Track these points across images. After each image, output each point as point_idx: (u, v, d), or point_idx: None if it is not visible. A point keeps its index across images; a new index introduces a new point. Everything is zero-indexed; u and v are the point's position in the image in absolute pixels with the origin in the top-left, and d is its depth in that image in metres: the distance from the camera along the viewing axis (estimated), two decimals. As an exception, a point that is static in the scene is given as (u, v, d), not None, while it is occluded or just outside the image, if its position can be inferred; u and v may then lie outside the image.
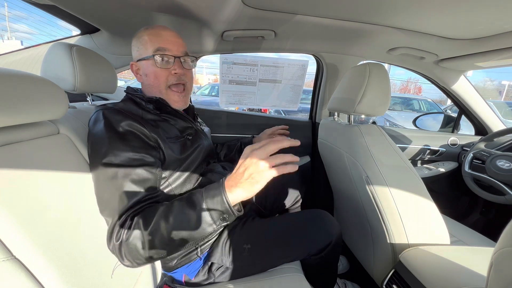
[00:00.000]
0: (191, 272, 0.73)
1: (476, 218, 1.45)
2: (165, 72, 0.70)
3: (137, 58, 0.72)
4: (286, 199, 1.03)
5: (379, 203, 0.79)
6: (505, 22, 0.73)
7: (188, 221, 0.52)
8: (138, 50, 0.71)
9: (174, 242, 0.52)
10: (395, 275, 0.75)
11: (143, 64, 0.71)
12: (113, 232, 0.52)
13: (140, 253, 0.51)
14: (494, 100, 11.92)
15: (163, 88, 0.71)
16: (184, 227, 0.52)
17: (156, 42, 0.68)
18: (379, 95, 0.80)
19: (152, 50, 0.68)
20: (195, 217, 0.52)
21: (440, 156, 1.50)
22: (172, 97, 0.72)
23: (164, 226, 0.51)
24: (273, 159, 0.50)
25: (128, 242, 0.50)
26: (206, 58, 1.42)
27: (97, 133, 0.59)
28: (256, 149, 0.51)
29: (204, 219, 0.52)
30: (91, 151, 0.59)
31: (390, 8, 0.74)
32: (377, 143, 0.81)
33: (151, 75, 0.70)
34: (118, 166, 0.55)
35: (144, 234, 0.50)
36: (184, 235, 0.52)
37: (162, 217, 0.52)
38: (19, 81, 0.45)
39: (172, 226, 0.51)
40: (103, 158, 0.55)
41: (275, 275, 0.75)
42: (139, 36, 0.71)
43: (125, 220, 0.52)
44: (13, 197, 0.40)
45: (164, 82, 0.70)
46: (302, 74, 1.39)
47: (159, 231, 0.51)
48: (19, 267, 0.37)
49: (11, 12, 35.68)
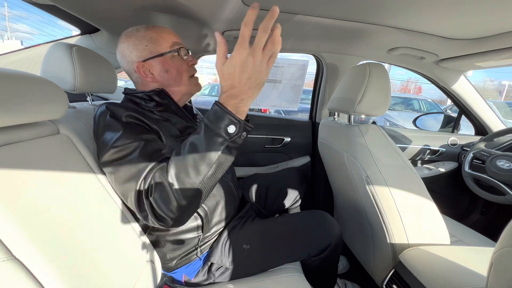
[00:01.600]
0: (191, 272, 0.73)
1: (476, 218, 1.45)
2: (186, 64, 0.71)
3: (145, 57, 0.66)
4: (285, 199, 1.03)
5: (379, 203, 0.79)
6: (505, 22, 0.73)
7: (197, 148, 0.51)
8: (146, 49, 0.66)
9: (192, 174, 0.50)
10: (395, 275, 0.75)
11: (157, 61, 0.67)
12: (139, 199, 0.52)
13: (172, 203, 0.50)
14: (494, 100, 11.94)
15: (186, 80, 0.71)
16: (195, 152, 0.51)
17: (168, 38, 0.68)
18: (379, 95, 0.80)
19: (169, 45, 0.68)
20: (203, 140, 0.50)
21: (440, 156, 1.50)
22: (195, 83, 0.74)
23: (179, 164, 0.51)
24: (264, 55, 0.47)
25: (155, 198, 0.50)
26: (206, 58, 1.41)
27: (105, 122, 0.59)
28: (251, 54, 0.45)
29: (214, 139, 0.50)
30: (99, 141, 0.59)
31: (390, 8, 0.74)
32: (377, 143, 0.81)
33: (173, 69, 0.68)
34: (129, 146, 0.55)
35: (166, 183, 0.50)
36: (199, 162, 0.50)
37: (174, 159, 0.52)
38: (19, 81, 0.45)
39: (185, 161, 0.50)
40: (114, 142, 0.56)
41: (275, 275, 0.75)
42: (143, 35, 0.66)
43: (147, 182, 0.52)
44: (13, 197, 0.40)
45: (187, 73, 0.71)
46: (302, 74, 1.39)
47: (177, 171, 0.50)
48: (19, 267, 0.37)
49: (11, 12, 35.73)
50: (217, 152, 0.50)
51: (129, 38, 0.67)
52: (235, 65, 0.46)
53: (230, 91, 0.49)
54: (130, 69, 0.70)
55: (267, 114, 2.90)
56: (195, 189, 0.51)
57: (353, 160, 0.84)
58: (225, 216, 0.77)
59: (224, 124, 0.49)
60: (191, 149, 0.51)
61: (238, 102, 0.50)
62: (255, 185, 1.02)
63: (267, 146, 1.48)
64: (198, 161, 0.50)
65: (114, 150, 0.56)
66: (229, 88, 0.49)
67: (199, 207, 0.57)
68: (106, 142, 0.57)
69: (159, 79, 0.69)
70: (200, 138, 0.51)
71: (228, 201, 0.77)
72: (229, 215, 0.79)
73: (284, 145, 1.49)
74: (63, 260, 0.43)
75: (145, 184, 0.52)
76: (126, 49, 0.67)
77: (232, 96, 0.49)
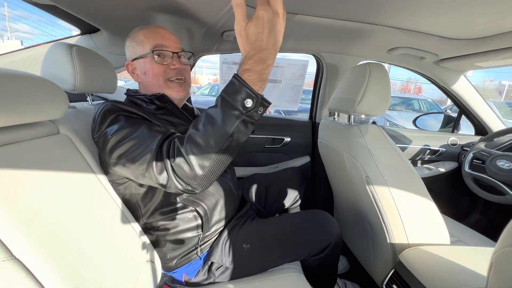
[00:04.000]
0: (191, 272, 0.73)
1: (476, 218, 1.45)
2: (164, 67, 0.70)
3: (132, 57, 0.71)
4: (285, 199, 1.03)
5: (379, 203, 0.79)
6: (505, 22, 0.73)
7: (213, 119, 0.50)
8: (133, 50, 0.71)
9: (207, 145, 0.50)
10: (395, 275, 0.75)
11: (140, 63, 0.70)
12: (159, 165, 0.52)
13: (190, 171, 0.50)
14: (494, 100, 11.92)
15: (162, 82, 0.70)
16: (211, 124, 0.50)
17: (153, 40, 0.69)
18: (379, 95, 0.80)
19: (150, 47, 0.68)
20: (219, 112, 0.50)
21: (440, 156, 1.50)
22: (173, 88, 0.71)
23: (196, 134, 0.51)
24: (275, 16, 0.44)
25: (175, 160, 0.51)
26: (206, 58, 1.41)
27: (106, 117, 0.59)
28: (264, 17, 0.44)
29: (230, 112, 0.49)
30: (101, 135, 0.59)
31: (390, 8, 0.74)
32: (377, 143, 0.81)
33: (149, 72, 0.69)
34: (134, 128, 0.56)
35: (183, 151, 0.50)
36: (215, 133, 0.50)
37: (190, 130, 0.53)
38: (19, 81, 0.45)
39: (201, 132, 0.51)
40: (117, 130, 0.57)
41: (275, 275, 0.75)
42: (134, 36, 0.71)
43: (163, 150, 0.53)
44: (13, 197, 0.40)
45: (163, 76, 0.70)
46: (302, 74, 1.39)
47: (193, 141, 0.51)
48: (19, 267, 0.37)
49: (11, 12, 35.74)
50: (233, 125, 0.49)
51: (128, 38, 0.73)
52: (263, 24, 0.43)
53: (258, 55, 0.46)
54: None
55: (267, 114, 2.89)
56: (211, 160, 0.50)
57: (353, 160, 0.84)
58: (225, 215, 0.77)
59: (241, 97, 0.48)
60: (207, 120, 0.51)
61: (264, 68, 0.47)
62: (255, 185, 1.02)
63: (267, 146, 1.48)
64: (213, 132, 0.50)
65: (119, 133, 0.56)
66: (257, 52, 0.45)
67: (219, 175, 0.55)
68: (108, 133, 0.58)
69: (140, 79, 0.73)
70: (217, 110, 0.50)
71: (228, 201, 0.78)
72: (229, 214, 0.79)
73: (284, 145, 1.49)
74: (63, 260, 0.43)
75: (161, 151, 0.52)
76: (126, 49, 0.73)
77: (260, 60, 0.46)
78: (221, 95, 0.51)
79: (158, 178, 0.53)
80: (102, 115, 0.60)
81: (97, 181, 0.60)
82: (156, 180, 0.54)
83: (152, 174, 0.53)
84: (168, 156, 0.52)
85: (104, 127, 0.59)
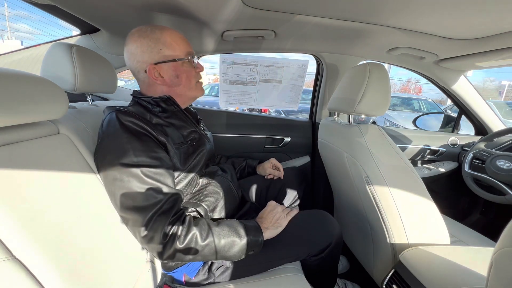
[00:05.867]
0: (191, 272, 0.73)
1: (476, 218, 1.45)
2: (194, 70, 0.76)
3: (158, 60, 0.67)
4: (285, 199, 1.03)
5: (379, 203, 0.79)
6: (505, 22, 0.73)
7: (230, 247, 0.64)
8: (160, 52, 0.67)
9: (212, 255, 0.63)
10: (395, 275, 0.75)
11: (169, 66, 0.69)
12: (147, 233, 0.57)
13: (189, 257, 0.61)
14: (494, 100, 11.93)
15: (193, 85, 0.76)
16: (226, 249, 0.64)
17: (183, 46, 0.71)
18: (379, 95, 0.80)
19: (184, 53, 0.71)
20: (238, 246, 0.65)
21: (440, 156, 1.50)
22: (200, 88, 0.80)
23: (214, 244, 0.63)
24: (286, 211, 0.79)
25: (183, 248, 0.60)
26: (206, 58, 1.42)
27: (113, 134, 0.60)
28: (279, 207, 0.80)
29: (241, 248, 0.65)
30: (103, 152, 0.60)
31: (390, 8, 0.74)
32: (377, 143, 0.81)
33: (183, 75, 0.72)
34: (140, 166, 0.58)
35: (200, 244, 0.61)
36: (221, 252, 0.64)
37: (216, 236, 0.63)
38: (19, 81, 0.45)
39: (219, 245, 0.63)
40: (123, 158, 0.57)
41: (275, 275, 0.75)
42: (156, 39, 0.66)
43: (174, 226, 0.59)
44: (13, 197, 0.40)
45: (195, 79, 0.77)
46: (302, 74, 1.39)
47: (210, 246, 0.62)
48: (19, 267, 0.37)
49: (11, 12, 35.66)
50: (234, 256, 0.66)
51: (142, 38, 0.66)
52: (267, 209, 0.79)
53: (259, 219, 0.76)
54: (139, 68, 0.69)
55: (267, 114, 2.90)
56: (187, 259, 0.62)
57: (353, 160, 0.84)
58: (225, 215, 0.77)
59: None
60: (228, 243, 0.64)
61: (264, 226, 0.73)
62: (255, 185, 1.02)
63: (267, 146, 1.49)
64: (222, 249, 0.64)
65: (123, 167, 0.58)
66: (259, 217, 0.77)
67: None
68: (114, 154, 0.59)
69: (168, 82, 0.71)
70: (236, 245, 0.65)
71: (228, 200, 0.78)
72: (229, 214, 0.79)
73: (284, 145, 1.49)
74: (63, 260, 0.43)
75: (175, 228, 0.59)
76: (138, 48, 0.67)
77: (260, 220, 0.75)
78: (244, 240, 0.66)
79: (141, 239, 0.59)
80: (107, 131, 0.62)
81: (97, 181, 0.60)
82: (136, 237, 0.60)
83: (137, 233, 0.59)
84: (176, 240, 0.59)
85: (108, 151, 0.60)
